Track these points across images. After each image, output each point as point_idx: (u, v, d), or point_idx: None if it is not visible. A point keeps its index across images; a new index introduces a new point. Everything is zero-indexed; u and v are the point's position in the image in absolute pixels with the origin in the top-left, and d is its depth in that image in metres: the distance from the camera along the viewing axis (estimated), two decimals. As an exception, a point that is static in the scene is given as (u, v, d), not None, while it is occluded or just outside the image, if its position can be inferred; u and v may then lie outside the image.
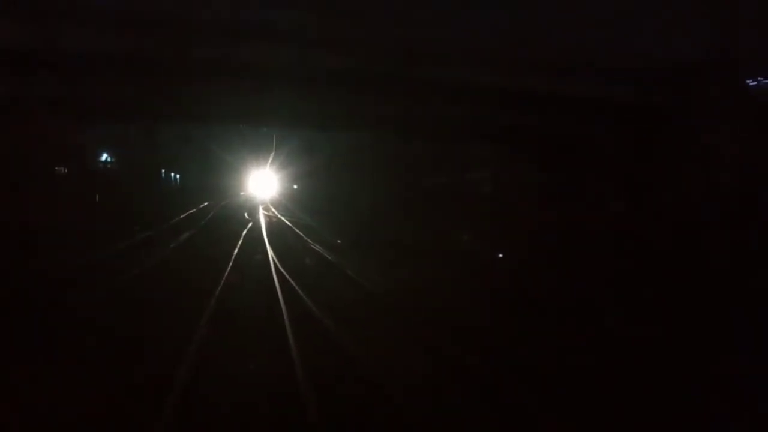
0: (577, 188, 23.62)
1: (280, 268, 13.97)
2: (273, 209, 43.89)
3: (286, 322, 8.76)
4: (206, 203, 44.42)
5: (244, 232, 23.37)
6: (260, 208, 44.26)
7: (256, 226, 27.23)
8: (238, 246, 18.43)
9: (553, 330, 9.08)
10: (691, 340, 8.48)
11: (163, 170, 50.56)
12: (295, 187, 57.85)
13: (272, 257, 15.95)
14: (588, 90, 20.29)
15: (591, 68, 20.48)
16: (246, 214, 36.26)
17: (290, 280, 12.33)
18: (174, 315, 9.21)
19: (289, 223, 29.68)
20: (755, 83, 28.54)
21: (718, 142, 21.51)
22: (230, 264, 14.38)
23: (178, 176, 56.36)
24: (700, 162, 21.58)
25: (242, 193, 66.84)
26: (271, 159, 50.89)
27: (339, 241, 21.41)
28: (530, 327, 9.27)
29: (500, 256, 17.75)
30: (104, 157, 40.63)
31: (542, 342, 8.35)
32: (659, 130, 22.01)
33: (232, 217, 33.79)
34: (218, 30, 15.75)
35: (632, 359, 7.54)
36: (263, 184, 60.35)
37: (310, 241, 20.93)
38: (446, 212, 26.30)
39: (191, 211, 34.45)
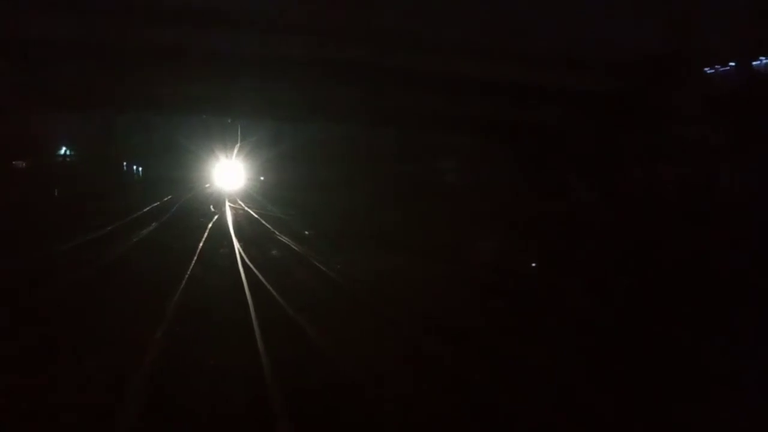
0: (545, 175, 23.90)
1: (247, 260, 13.74)
2: (240, 201, 43.30)
3: (251, 309, 8.80)
4: (170, 196, 43.58)
5: (210, 225, 22.95)
6: (226, 200, 43.60)
7: (222, 219, 26.79)
8: (204, 239, 18.08)
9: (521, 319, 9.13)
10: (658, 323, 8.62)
11: (125, 162, 49.45)
12: (262, 178, 57.18)
13: (238, 250, 15.69)
14: (557, 80, 20.52)
15: (561, 59, 20.71)
16: (212, 207, 35.67)
17: (256, 272, 12.14)
18: (137, 309, 8.96)
19: (256, 215, 29.29)
20: (713, 71, 29.30)
21: (679, 128, 22.00)
22: (195, 257, 14.07)
23: (140, 168, 55.21)
24: (664, 148, 22.04)
25: (207, 185, 65.79)
26: (236, 150, 50.13)
27: (307, 233, 21.21)
28: (489, 309, 9.35)
29: (476, 247, 17.79)
30: (63, 150, 39.54)
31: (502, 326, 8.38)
32: (624, 118, 22.39)
33: (197, 210, 33.18)
34: (180, 16, 15.38)
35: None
36: (229, 175, 59.45)
37: (277, 232, 20.68)
38: (417, 201, 26.30)
39: (155, 204, 33.75)
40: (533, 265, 14.47)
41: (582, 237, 16.80)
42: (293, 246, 17.10)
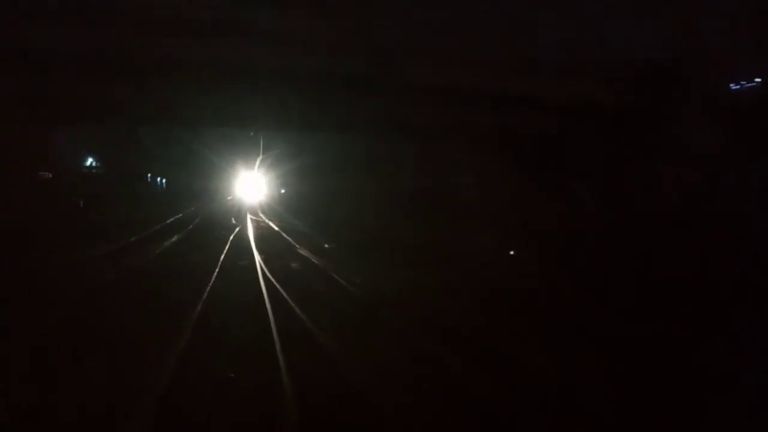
0: (557, 189, 23.72)
1: (268, 274, 13.82)
2: (261, 213, 43.65)
3: (271, 320, 9.04)
4: (192, 208, 44.07)
5: (231, 237, 23.15)
6: (248, 212, 43.97)
7: (243, 232, 27.01)
8: (225, 251, 18.23)
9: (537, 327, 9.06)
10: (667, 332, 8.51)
11: (149, 174, 50.16)
12: (283, 191, 57.60)
13: (259, 263, 15.79)
14: (566, 91, 20.37)
15: (569, 69, 20.61)
16: (233, 219, 36.00)
17: (277, 285, 12.21)
18: (155, 321, 9.05)
19: (276, 228, 29.49)
20: (738, 86, 28.84)
21: (694, 144, 21.68)
22: (216, 270, 14.19)
23: (163, 180, 55.95)
24: (677, 163, 21.74)
25: (229, 198, 66.41)
26: (258, 162, 50.57)
27: (327, 246, 21.29)
28: (517, 328, 9.29)
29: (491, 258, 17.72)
30: (89, 161, 40.27)
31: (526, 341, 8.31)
32: (637, 131, 22.16)
33: (219, 222, 33.51)
34: (201, 30, 15.61)
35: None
36: (251, 187, 59.99)
37: (297, 245, 20.78)
38: (434, 215, 26.27)
39: (177, 216, 34.14)
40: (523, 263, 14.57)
41: (594, 244, 16.70)
42: (313, 259, 17.17)
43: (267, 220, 36.17)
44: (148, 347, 7.51)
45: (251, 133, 45.34)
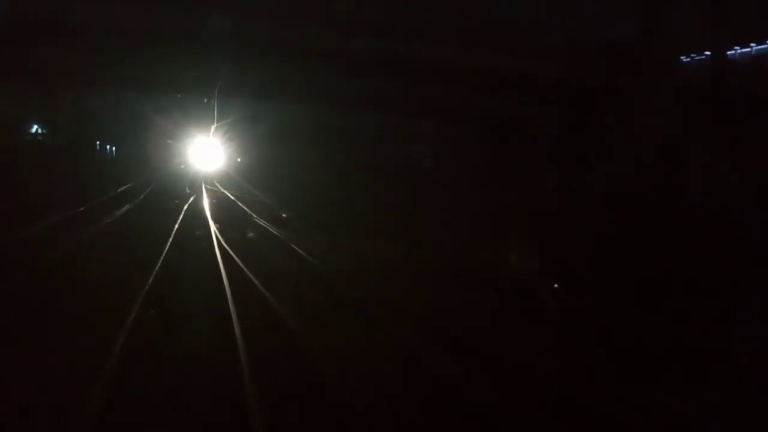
0: (514, 164, 23.99)
1: (223, 243, 13.61)
2: (216, 182, 42.78)
3: (226, 284, 9.29)
4: (144, 176, 42.86)
5: (186, 207, 22.62)
6: (202, 181, 42.99)
7: (198, 201, 26.47)
8: (179, 221, 17.80)
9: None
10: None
11: (98, 142, 48.48)
12: (239, 159, 56.49)
13: (215, 232, 15.52)
14: (526, 67, 20.40)
15: (528, 47, 20.66)
16: (187, 188, 35.17)
17: (233, 255, 12.05)
18: (110, 292, 8.79)
19: (232, 197, 29.03)
20: (689, 59, 29.53)
21: (649, 118, 22.12)
22: (170, 240, 13.84)
23: (113, 148, 54.19)
24: (632, 138, 22.19)
25: (182, 166, 64.80)
26: (213, 130, 49.24)
27: (284, 215, 21.11)
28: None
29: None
30: (35, 128, 38.53)
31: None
32: (594, 106, 22.42)
33: (172, 191, 32.67)
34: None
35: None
36: (205, 156, 58.56)
37: (254, 215, 20.52)
38: (391, 186, 26.28)
39: (128, 185, 33.14)
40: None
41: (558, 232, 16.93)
42: (271, 229, 16.99)
43: (223, 189, 35.52)
44: (86, 341, 6.64)
45: (205, 100, 44.05)
